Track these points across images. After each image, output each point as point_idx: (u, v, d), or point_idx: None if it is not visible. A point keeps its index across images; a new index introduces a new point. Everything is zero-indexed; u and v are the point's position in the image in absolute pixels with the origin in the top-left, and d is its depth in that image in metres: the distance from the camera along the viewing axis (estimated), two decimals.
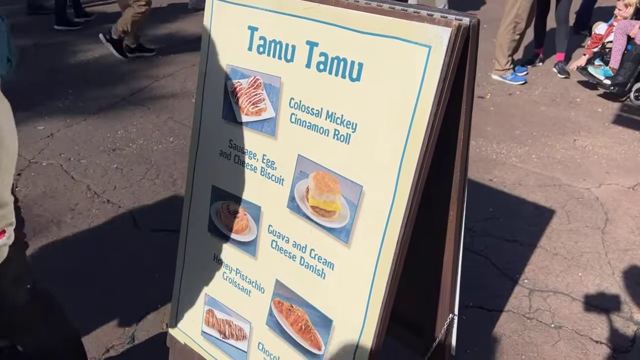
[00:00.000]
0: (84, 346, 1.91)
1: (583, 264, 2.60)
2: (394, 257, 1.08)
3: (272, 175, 1.29)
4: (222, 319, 1.48)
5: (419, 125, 1.00)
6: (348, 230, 1.15)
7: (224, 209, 1.43)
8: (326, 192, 1.18)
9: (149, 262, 2.47)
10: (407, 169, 1.03)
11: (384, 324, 1.14)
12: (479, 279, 2.47)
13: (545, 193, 3.24)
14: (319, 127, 1.17)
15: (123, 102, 4.18)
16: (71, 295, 2.26)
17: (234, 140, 1.36)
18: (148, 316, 2.17)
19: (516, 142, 3.89)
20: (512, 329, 2.19)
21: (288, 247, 1.29)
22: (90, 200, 2.91)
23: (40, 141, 3.50)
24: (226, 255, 1.44)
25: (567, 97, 4.79)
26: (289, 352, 1.32)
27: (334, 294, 1.20)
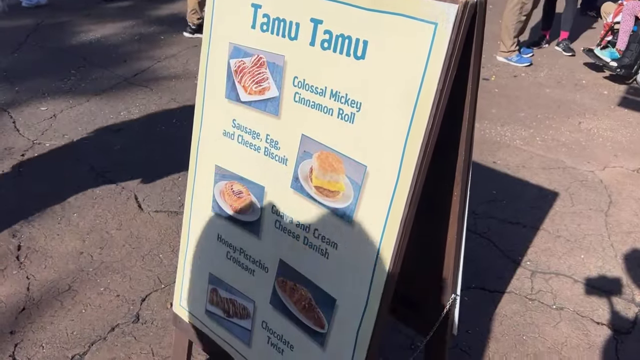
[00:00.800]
0: (91, 324, 1.93)
1: (586, 246, 2.61)
2: (397, 236, 1.08)
3: (276, 155, 1.28)
4: (226, 298, 1.49)
5: (424, 104, 0.99)
6: (352, 210, 1.15)
7: (227, 189, 1.42)
8: (330, 172, 1.18)
9: (152, 242, 2.49)
10: (411, 149, 1.03)
11: (387, 303, 1.15)
12: (481, 260, 2.48)
13: (549, 175, 3.23)
14: (323, 106, 1.16)
15: (125, 82, 4.16)
16: (76, 274, 2.28)
17: (237, 119, 1.35)
18: (152, 295, 2.19)
19: (520, 124, 3.87)
20: (513, 310, 2.21)
21: (292, 227, 1.29)
22: (94, 181, 2.92)
23: (44, 122, 3.49)
24: (230, 235, 1.44)
25: (573, 79, 4.75)
26: (293, 331, 1.33)
27: (337, 273, 1.21)
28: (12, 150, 3.15)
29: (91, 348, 1.94)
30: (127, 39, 5.08)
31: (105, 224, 2.59)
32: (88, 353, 1.92)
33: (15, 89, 3.92)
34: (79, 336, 1.98)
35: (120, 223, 2.60)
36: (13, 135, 3.31)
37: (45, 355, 1.90)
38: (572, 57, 5.22)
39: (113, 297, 2.17)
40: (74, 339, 1.97)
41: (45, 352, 1.91)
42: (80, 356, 1.90)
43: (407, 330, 2.06)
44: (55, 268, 2.30)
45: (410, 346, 2.00)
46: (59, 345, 1.94)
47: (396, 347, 1.98)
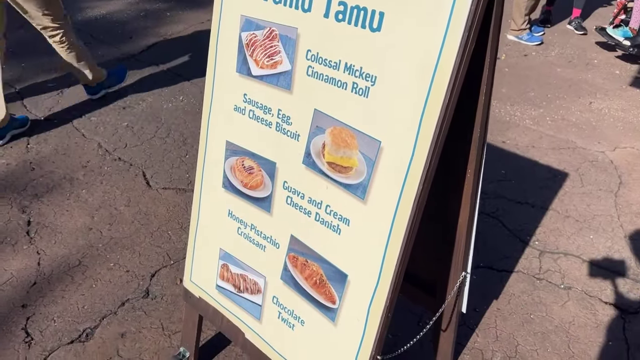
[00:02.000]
0: (102, 298, 1.95)
1: (595, 227, 2.60)
2: (411, 213, 1.08)
3: (288, 130, 1.27)
4: (236, 274, 1.49)
5: (441, 77, 0.97)
6: (365, 187, 1.14)
7: (238, 165, 1.42)
8: (343, 148, 1.16)
9: (161, 219, 2.49)
10: (427, 124, 1.01)
11: (399, 279, 1.15)
12: (490, 240, 2.47)
13: (559, 156, 3.20)
14: (336, 80, 1.14)
15: (132, 59, 4.13)
16: (86, 250, 2.30)
17: (248, 94, 1.33)
18: (161, 271, 2.20)
19: (530, 104, 3.82)
20: (521, 289, 2.21)
21: (303, 203, 1.28)
22: (102, 158, 2.92)
23: (50, 99, 3.48)
24: (241, 211, 1.44)
25: (584, 59, 4.67)
26: (303, 306, 1.33)
27: (349, 249, 1.20)
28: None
29: (102, 322, 1.96)
30: (132, 16, 5.03)
31: (114, 200, 2.60)
32: (99, 327, 1.94)
33: (21, 65, 3.90)
34: (90, 310, 2.00)
35: (129, 200, 2.61)
36: (21, 111, 3.30)
37: (57, 329, 1.92)
38: (584, 36, 5.13)
39: (123, 272, 2.19)
40: (85, 313, 1.99)
41: (57, 326, 1.93)
42: (91, 330, 1.93)
43: (415, 308, 2.07)
44: (65, 243, 2.32)
45: (418, 323, 2.01)
46: (70, 319, 1.96)
47: (404, 324, 1.99)
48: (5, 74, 3.74)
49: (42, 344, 1.86)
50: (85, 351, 1.84)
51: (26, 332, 1.90)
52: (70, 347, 1.86)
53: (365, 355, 1.21)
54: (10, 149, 2.94)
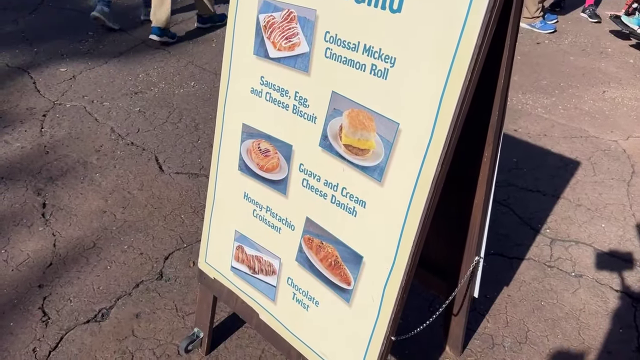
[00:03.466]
0: (116, 280, 1.98)
1: (607, 216, 2.59)
2: (428, 196, 1.08)
3: (305, 113, 1.28)
4: (251, 255, 1.51)
5: (462, 59, 0.97)
6: (382, 169, 1.15)
7: (254, 147, 1.43)
8: (360, 130, 1.17)
9: (174, 203, 2.52)
10: (447, 106, 1.01)
11: (415, 261, 1.15)
12: (501, 228, 2.48)
13: (571, 144, 3.18)
14: (355, 62, 1.14)
15: (143, 45, 4.13)
16: (100, 232, 2.33)
17: (265, 77, 1.34)
18: (175, 254, 2.23)
19: (543, 92, 3.80)
20: (532, 276, 2.22)
21: (319, 186, 1.29)
22: (115, 142, 2.94)
23: (63, 83, 3.50)
24: (256, 193, 1.45)
25: (598, 47, 4.62)
26: (318, 287, 1.35)
27: (365, 231, 1.21)
28: (34, 111, 3.17)
29: (117, 302, 1.99)
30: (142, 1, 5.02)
31: (127, 184, 2.62)
32: (114, 307, 1.97)
33: (34, 50, 3.92)
34: (105, 291, 2.04)
35: (142, 184, 2.63)
36: (34, 95, 3.33)
37: (73, 308, 1.96)
38: (598, 24, 5.07)
39: (137, 255, 2.21)
40: (100, 293, 2.03)
41: (73, 305, 1.97)
42: (106, 310, 1.96)
43: (426, 293, 2.08)
44: (80, 226, 2.35)
45: (429, 308, 2.03)
46: (86, 299, 2.00)
47: (415, 309, 2.01)
48: (18, 58, 3.77)
49: (59, 323, 1.90)
50: (101, 331, 1.88)
51: (43, 311, 1.94)
52: (87, 326, 1.89)
53: (380, 335, 1.23)
54: (24, 132, 2.97)
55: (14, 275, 2.08)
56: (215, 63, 3.90)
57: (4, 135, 2.93)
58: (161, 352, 1.81)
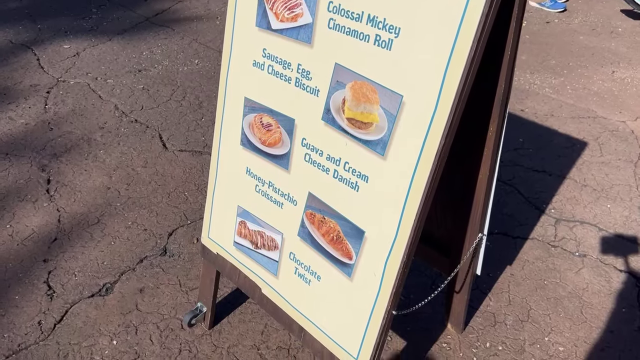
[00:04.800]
0: (120, 255, 2.00)
1: (612, 196, 2.57)
2: (431, 169, 1.07)
3: (307, 86, 1.26)
4: (254, 230, 1.51)
5: (468, 28, 0.95)
6: (385, 143, 1.13)
7: (256, 122, 1.41)
8: (363, 103, 1.15)
9: (177, 180, 2.52)
10: (452, 77, 0.99)
11: (417, 235, 1.15)
12: (505, 207, 2.46)
13: (579, 125, 3.15)
14: (358, 32, 1.12)
15: (147, 22, 4.10)
16: (104, 208, 2.33)
17: (267, 49, 1.32)
18: (178, 230, 2.23)
19: (551, 72, 3.74)
20: (535, 255, 2.21)
21: (322, 160, 1.28)
22: (119, 120, 2.93)
23: (67, 60, 3.48)
24: (258, 169, 1.45)
25: (608, 27, 4.54)
26: (320, 262, 1.35)
27: (367, 206, 1.21)
28: (38, 87, 3.17)
29: (121, 277, 2.00)
30: None
31: (130, 161, 2.62)
32: (118, 282, 1.99)
33: (37, 26, 3.89)
34: (109, 266, 2.05)
35: (146, 161, 2.63)
36: (38, 72, 3.32)
37: (78, 283, 1.97)
38: (609, 3, 4.97)
39: (140, 231, 2.22)
40: (104, 268, 2.04)
41: (78, 280, 1.99)
42: (110, 285, 1.97)
43: (428, 271, 2.08)
44: (84, 202, 2.35)
45: (431, 286, 2.03)
46: (90, 274, 2.01)
47: (418, 286, 2.01)
48: (21, 35, 3.75)
49: (64, 296, 1.92)
50: (106, 305, 1.89)
51: (48, 285, 1.96)
52: (91, 300, 1.91)
53: (381, 309, 1.23)
54: (28, 109, 2.97)
55: (19, 249, 2.10)
56: (219, 41, 3.87)
57: (8, 112, 2.93)
58: (165, 326, 1.82)
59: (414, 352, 1.78)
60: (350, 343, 1.32)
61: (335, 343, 1.36)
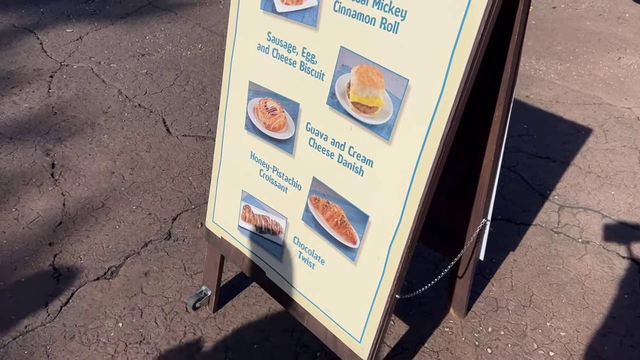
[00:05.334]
0: (125, 239, 2.01)
1: (617, 183, 2.56)
2: (436, 154, 1.07)
3: (312, 69, 1.25)
4: (258, 215, 1.52)
5: (475, 12, 0.94)
6: (390, 127, 1.13)
7: (261, 106, 1.41)
8: (369, 87, 1.15)
9: (181, 165, 2.52)
10: (458, 61, 0.99)
11: (421, 220, 1.15)
12: (509, 193, 2.46)
13: (584, 111, 3.13)
14: (364, 15, 1.11)
15: (149, 6, 4.07)
16: (109, 193, 2.34)
17: (272, 32, 1.31)
18: (183, 215, 2.24)
19: (557, 58, 3.71)
20: (538, 241, 2.21)
21: (326, 145, 1.28)
22: (122, 104, 2.93)
23: (70, 44, 3.47)
24: (263, 153, 1.45)
25: (616, 12, 4.49)
26: (324, 246, 1.35)
27: (371, 191, 1.21)
28: (41, 72, 3.16)
29: (126, 261, 2.02)
30: None
31: (134, 146, 2.63)
32: (123, 265, 2.00)
33: (40, 10, 3.87)
34: (114, 250, 2.06)
35: (150, 146, 2.63)
36: (41, 56, 3.31)
37: (83, 266, 1.99)
38: None
39: (145, 215, 2.23)
40: (109, 252, 2.05)
41: (83, 263, 2.00)
42: (115, 268, 1.99)
43: (431, 256, 2.09)
44: (89, 186, 2.36)
45: (434, 271, 2.04)
46: (96, 257, 2.03)
47: (420, 272, 2.02)
48: (24, 19, 3.74)
49: (70, 279, 1.93)
50: (111, 287, 1.91)
51: (54, 268, 1.97)
52: (97, 283, 1.93)
53: (385, 293, 1.24)
54: (32, 93, 2.96)
55: (25, 233, 2.11)
56: (223, 25, 3.84)
57: (12, 96, 2.93)
58: (169, 309, 1.84)
59: (416, 336, 1.80)
60: (354, 326, 1.34)
61: (338, 326, 1.38)
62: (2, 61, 3.23)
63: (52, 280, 1.93)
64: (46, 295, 1.87)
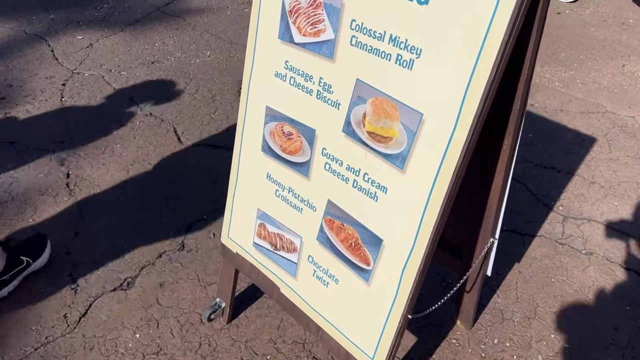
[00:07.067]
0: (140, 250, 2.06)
1: (620, 194, 2.61)
2: (449, 184, 1.12)
3: (329, 99, 1.30)
4: (273, 233, 1.57)
5: (488, 53, 0.99)
6: (404, 157, 1.18)
7: (277, 130, 1.46)
8: (384, 118, 1.20)
9: (193, 174, 2.57)
10: (472, 98, 1.03)
11: (434, 245, 1.20)
12: (514, 204, 2.51)
13: (588, 120, 3.17)
14: (380, 51, 1.16)
15: (158, 12, 4.11)
16: (121, 203, 2.40)
17: (289, 61, 1.36)
18: (196, 225, 2.30)
19: (561, 65, 3.75)
20: (543, 253, 2.26)
21: (341, 170, 1.33)
22: (134, 113, 2.98)
23: (81, 51, 3.52)
24: (279, 174, 1.50)
25: (620, 18, 4.51)
26: (338, 266, 1.41)
27: (385, 216, 1.26)
28: (53, 80, 3.21)
29: (141, 272, 2.08)
30: None
31: (147, 155, 2.68)
32: (139, 276, 2.06)
33: (50, 16, 3.92)
34: (130, 261, 2.12)
35: (162, 155, 2.69)
36: (53, 64, 3.36)
37: (100, 277, 2.05)
38: None
39: (159, 225, 2.29)
40: (125, 263, 2.11)
41: (100, 274, 2.06)
42: (132, 279, 2.05)
43: (438, 268, 2.15)
44: (103, 196, 2.42)
45: (441, 283, 2.09)
46: (112, 268, 2.08)
47: (429, 283, 2.07)
48: (35, 25, 3.78)
49: (87, 290, 1.99)
50: (128, 298, 1.97)
51: (72, 278, 2.03)
52: (114, 294, 1.98)
53: (397, 313, 1.29)
54: (45, 102, 3.01)
55: None
56: (231, 31, 3.89)
57: (26, 105, 2.98)
58: (185, 320, 1.90)
59: (424, 348, 1.85)
60: (367, 343, 1.39)
61: (351, 343, 1.43)
62: (15, 69, 3.28)
63: (70, 291, 1.98)
64: (65, 306, 1.93)
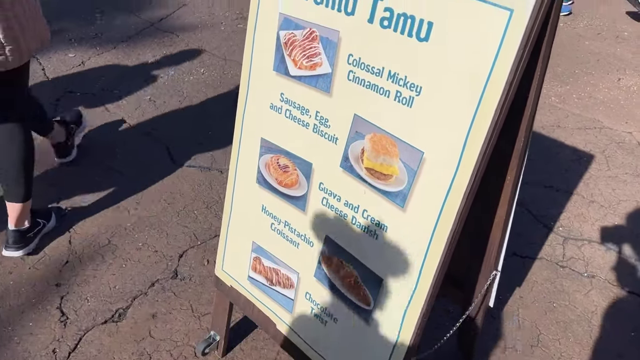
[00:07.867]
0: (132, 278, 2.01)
1: (620, 213, 2.58)
2: (453, 225, 1.07)
3: (326, 133, 1.26)
4: (269, 267, 1.52)
5: (491, 95, 0.95)
6: (405, 195, 1.14)
7: (273, 162, 1.41)
8: (383, 155, 1.15)
9: (186, 197, 2.52)
10: (475, 138, 0.99)
11: (437, 287, 1.16)
12: (514, 225, 2.44)
13: (585, 136, 3.15)
14: (379, 87, 1.12)
15: (152, 28, 4.07)
16: (115, 229, 2.33)
17: (285, 94, 1.32)
18: (189, 252, 2.24)
19: (557, 80, 3.73)
20: (544, 276, 2.22)
21: (339, 206, 1.28)
22: (126, 133, 2.93)
23: (72, 69, 3.47)
24: (274, 208, 1.45)
25: (614, 31, 4.51)
26: (337, 304, 1.36)
27: (385, 255, 1.21)
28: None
29: (133, 302, 2.02)
30: None
31: (140, 177, 2.62)
32: (131, 307, 2.00)
33: None
34: (121, 290, 2.06)
35: (155, 177, 2.63)
36: (45, 84, 3.30)
37: (91, 308, 1.98)
38: (613, 5, 4.93)
39: (151, 252, 2.23)
40: (116, 293, 2.05)
41: (90, 305, 2.00)
42: (123, 310, 1.99)
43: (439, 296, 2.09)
44: (94, 222, 2.36)
45: (443, 309, 2.04)
46: (103, 299, 2.02)
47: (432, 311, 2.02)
48: None
49: (77, 323, 1.93)
50: (119, 331, 1.91)
51: (61, 311, 1.97)
52: (104, 327, 1.92)
53: (400, 355, 1.24)
54: None
55: (32, 273, 2.11)
56: (225, 48, 3.85)
57: None
58: (178, 353, 1.84)
59: None
60: None
61: None
62: None
63: (59, 324, 1.92)
64: (54, 341, 1.86)
